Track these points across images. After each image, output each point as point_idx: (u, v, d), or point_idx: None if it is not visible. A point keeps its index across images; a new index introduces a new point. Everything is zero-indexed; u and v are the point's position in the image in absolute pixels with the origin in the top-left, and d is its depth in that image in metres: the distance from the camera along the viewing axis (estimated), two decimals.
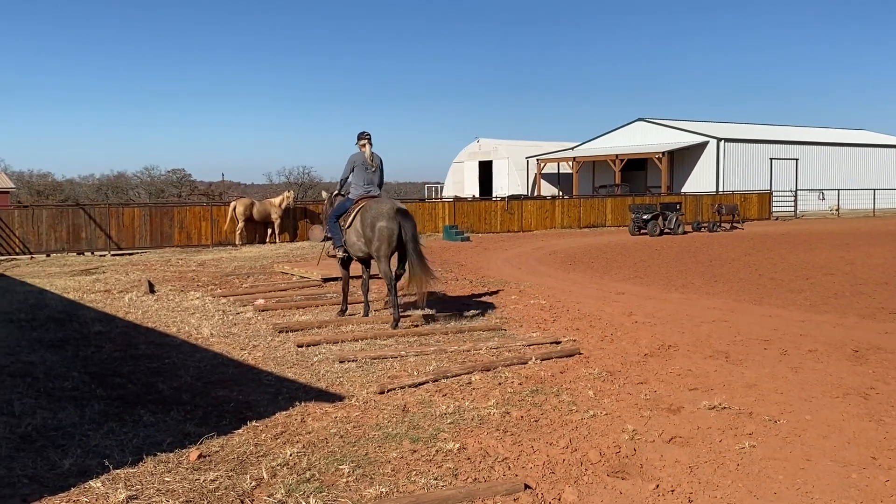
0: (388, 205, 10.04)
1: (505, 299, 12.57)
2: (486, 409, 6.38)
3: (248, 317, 11.03)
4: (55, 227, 23.34)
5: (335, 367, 7.88)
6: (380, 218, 9.89)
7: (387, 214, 9.89)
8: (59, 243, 23.35)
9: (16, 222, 22.88)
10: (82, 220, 23.72)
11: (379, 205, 10.06)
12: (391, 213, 9.88)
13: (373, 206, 10.10)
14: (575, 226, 33.10)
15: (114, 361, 8.21)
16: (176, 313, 11.34)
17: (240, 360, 8.32)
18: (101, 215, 24.13)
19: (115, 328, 10.12)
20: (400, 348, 8.67)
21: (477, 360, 8.14)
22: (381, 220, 9.88)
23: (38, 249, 23.00)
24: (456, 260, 19.88)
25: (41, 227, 23.15)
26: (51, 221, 23.32)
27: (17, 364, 7.87)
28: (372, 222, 9.93)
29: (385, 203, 10.11)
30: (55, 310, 11.52)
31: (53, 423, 5.96)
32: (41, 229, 23.15)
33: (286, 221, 26.85)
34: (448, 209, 30.39)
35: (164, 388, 7.12)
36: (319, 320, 10.56)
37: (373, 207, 10.06)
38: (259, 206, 26.27)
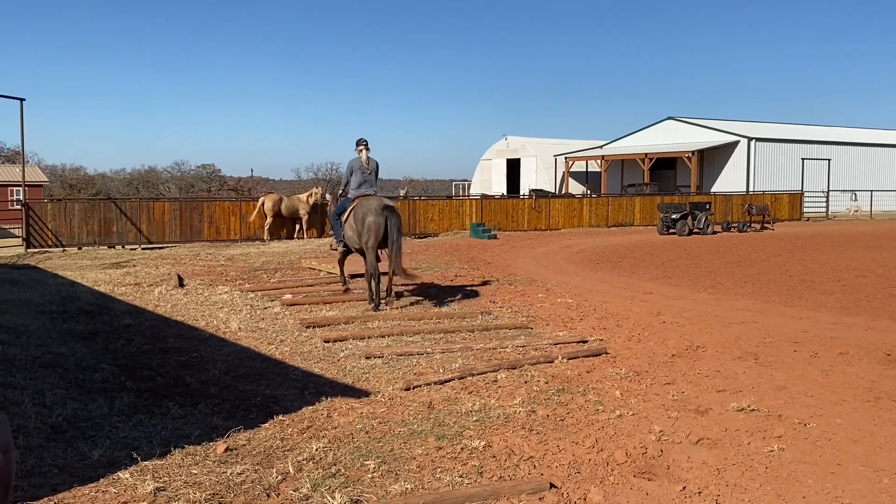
0: (377, 202, 11.24)
1: (531, 298, 12.53)
2: (512, 407, 6.36)
3: (275, 311, 11.10)
4: (87, 220, 23.65)
5: (361, 363, 7.89)
6: (369, 213, 11.14)
7: (375, 210, 11.12)
8: (91, 236, 23.65)
9: (49, 215, 23.21)
10: (114, 214, 24.02)
11: (368, 202, 11.27)
12: (378, 209, 11.11)
13: (363, 203, 11.33)
14: (603, 224, 32.92)
15: (143, 354, 8.30)
16: (204, 307, 11.44)
17: (267, 354, 8.38)
18: (132, 209, 24.41)
19: (145, 321, 10.23)
20: (426, 345, 8.67)
21: (503, 358, 8.12)
22: (370, 216, 11.13)
23: (70, 242, 23.32)
24: (483, 258, 19.85)
25: (73, 220, 23.47)
26: (83, 215, 23.62)
27: (48, 355, 7.98)
28: (362, 217, 11.19)
29: (374, 200, 11.28)
30: (86, 302, 11.67)
31: (84, 414, 6.03)
32: (73, 222, 23.46)
33: (314, 217, 26.99)
34: (475, 207, 30.36)
35: (192, 381, 7.18)
36: (346, 316, 10.61)
37: (363, 205, 11.31)
38: (287, 202, 26.44)
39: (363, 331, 9.57)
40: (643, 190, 40.59)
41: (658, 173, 47.65)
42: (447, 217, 29.59)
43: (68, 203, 24.39)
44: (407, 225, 28.57)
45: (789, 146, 44.86)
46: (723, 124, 47.75)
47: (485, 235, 26.69)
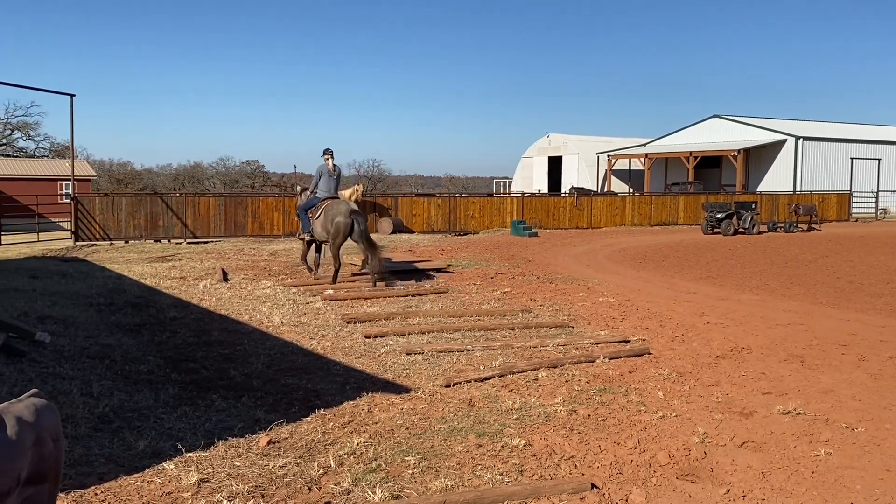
0: (345, 206, 13.47)
1: (573, 296, 12.45)
2: (553, 406, 6.33)
3: (317, 307, 11.20)
4: (134, 214, 24.08)
5: (402, 359, 7.92)
6: (338, 216, 13.24)
7: (343, 213, 13.27)
8: (138, 230, 24.08)
9: (97, 209, 23.69)
10: (160, 209, 24.42)
11: (338, 206, 13.47)
12: (347, 213, 13.27)
13: (334, 206, 13.45)
14: (646, 223, 32.59)
15: (188, 347, 8.43)
16: (248, 301, 11.58)
17: (309, 349, 8.45)
18: (178, 204, 24.80)
19: (190, 314, 10.39)
20: (466, 342, 8.68)
21: (543, 356, 8.09)
22: (339, 217, 13.22)
23: (117, 236, 23.76)
24: (523, 255, 19.79)
25: (121, 214, 23.92)
26: (130, 209, 24.06)
27: (96, 347, 8.14)
28: (332, 218, 13.27)
29: (343, 205, 13.53)
30: (133, 295, 11.89)
31: (130, 405, 6.14)
32: (120, 216, 23.91)
33: None
34: (516, 204, 30.26)
35: (235, 374, 7.27)
36: (386, 312, 10.66)
37: (333, 207, 13.41)
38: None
39: (403, 327, 9.61)
40: (687, 189, 40.06)
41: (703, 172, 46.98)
42: (487, 214, 29.54)
43: (116, 197, 24.87)
44: (447, 222, 28.64)
45: (838, 145, 43.92)
46: (769, 122, 46.93)
47: (525, 233, 26.60)
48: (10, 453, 2.69)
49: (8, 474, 2.67)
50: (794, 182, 41.94)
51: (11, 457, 2.70)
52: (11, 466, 2.69)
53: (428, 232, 27.90)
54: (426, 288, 13.04)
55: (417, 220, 28.32)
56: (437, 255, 19.44)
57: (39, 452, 2.84)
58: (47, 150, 62.38)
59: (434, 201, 29.33)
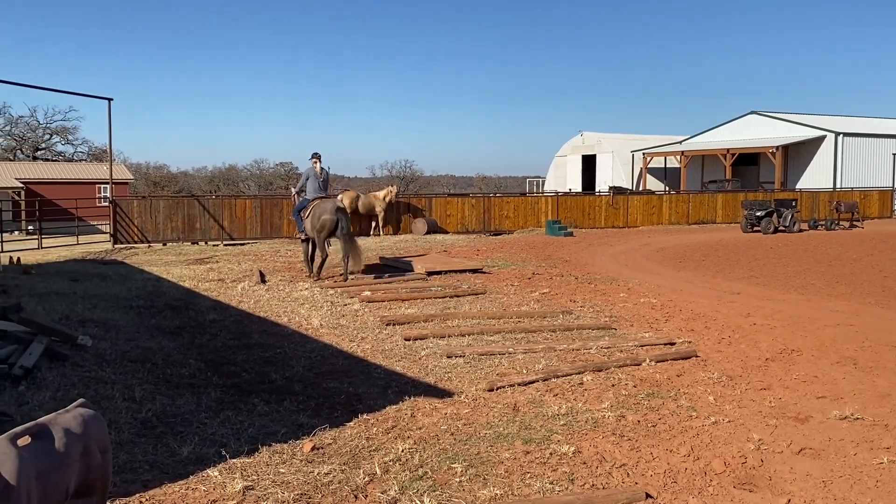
0: (331, 204, 14.48)
1: (613, 297, 12.26)
2: (601, 411, 6.18)
3: (355, 308, 11.15)
4: (171, 217, 24.28)
5: (443, 362, 7.82)
6: (324, 213, 14.31)
7: (329, 211, 14.30)
8: (175, 233, 24.28)
9: (135, 212, 23.92)
10: (197, 211, 24.60)
11: (324, 204, 14.50)
12: (332, 211, 14.30)
13: (320, 205, 14.49)
14: (683, 222, 32.17)
15: (228, 349, 8.40)
16: (286, 303, 11.57)
17: (349, 351, 8.39)
18: (215, 206, 24.96)
19: (229, 317, 10.39)
20: (508, 345, 8.55)
21: (588, 359, 7.94)
22: (325, 215, 14.29)
23: (154, 238, 23.99)
24: (559, 255, 19.60)
25: (158, 216, 24.14)
26: (167, 212, 24.27)
27: (136, 350, 8.14)
28: (319, 215, 14.34)
29: (329, 203, 14.54)
30: (172, 297, 11.93)
31: (172, 410, 6.10)
32: (158, 219, 24.13)
33: (390, 214, 27.11)
34: (550, 204, 30.05)
35: (276, 377, 7.22)
36: (425, 314, 10.57)
37: (320, 206, 14.47)
38: (364, 199, 26.64)
39: (443, 329, 9.51)
40: (725, 186, 39.49)
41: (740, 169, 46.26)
42: (522, 214, 29.37)
43: (153, 200, 25.11)
44: (481, 222, 28.52)
45: (880, 141, 42.98)
46: (809, 119, 46.09)
47: (561, 233, 26.38)
48: (58, 466, 2.62)
49: (57, 487, 2.60)
50: (835, 179, 41.14)
51: (60, 469, 2.63)
52: (60, 479, 2.62)
53: (462, 232, 27.79)
54: (464, 290, 12.93)
55: (451, 220, 28.22)
56: (472, 256, 19.33)
57: (87, 464, 2.77)
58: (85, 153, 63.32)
59: (468, 201, 29.21)
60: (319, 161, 14.94)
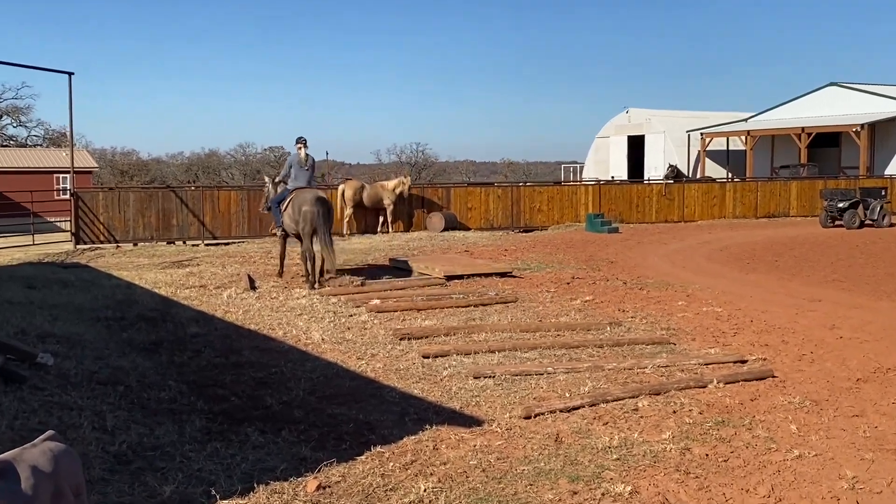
0: (312, 194, 14.73)
1: (670, 306, 12.23)
2: (660, 443, 6.14)
3: (362, 320, 11.18)
4: (143, 212, 24.42)
5: (469, 384, 7.82)
6: (304, 204, 14.50)
7: (310, 201, 14.48)
8: (148, 231, 24.43)
9: (100, 206, 24.06)
10: (173, 205, 24.73)
11: (304, 194, 14.73)
12: (313, 201, 14.49)
13: (300, 195, 14.75)
14: (750, 215, 32.01)
15: (214, 369, 8.43)
16: (281, 314, 11.61)
17: (357, 371, 8.41)
18: (194, 199, 25.09)
19: (214, 330, 10.44)
20: (546, 363, 8.55)
21: (642, 380, 7.92)
22: (305, 206, 14.48)
23: (124, 237, 24.13)
24: (604, 256, 19.56)
25: (128, 211, 24.28)
26: (138, 206, 24.41)
27: (106, 370, 8.17)
28: (299, 207, 14.58)
29: (309, 193, 14.78)
30: (146, 307, 11.98)
31: (150, 442, 6.11)
32: (128, 215, 24.27)
33: (400, 208, 27.13)
34: (591, 194, 30.00)
35: (272, 402, 7.23)
36: (446, 326, 10.57)
37: (299, 196, 14.73)
38: (370, 190, 26.65)
39: (468, 344, 9.51)
40: (800, 172, 39.26)
41: (818, 152, 45.99)
42: (557, 207, 29.34)
43: (122, 192, 25.29)
44: (509, 216, 28.50)
45: None
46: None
47: (604, 229, 26.32)
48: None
49: None
50: None
51: None
52: None
53: (486, 228, 27.80)
54: (492, 297, 12.90)
55: (474, 214, 28.24)
56: (499, 257, 19.32)
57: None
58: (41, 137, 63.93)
59: (493, 192, 29.22)
60: (305, 146, 15.27)
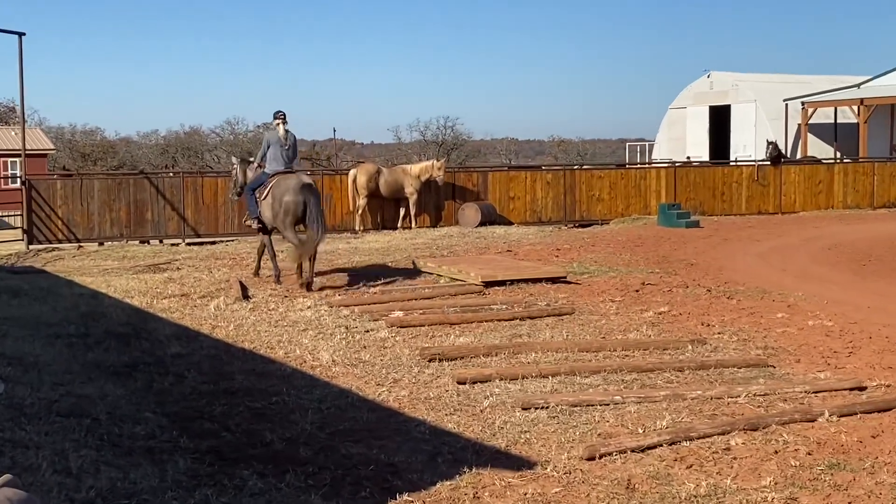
0: (295, 180, 15.34)
1: (767, 319, 12.18)
2: (759, 491, 6.13)
3: (381, 336, 11.23)
4: (111, 204, 24.58)
5: (516, 417, 7.82)
6: (287, 193, 15.08)
7: (293, 189, 15.06)
8: (117, 227, 24.59)
9: (58, 197, 24.25)
10: (147, 195, 24.87)
11: (287, 180, 15.34)
12: (297, 188, 15.05)
13: (282, 181, 15.35)
14: (865, 204, 31.72)
15: (200, 398, 8.49)
16: (281, 329, 11.68)
17: (376, 400, 8.45)
18: (173, 188, 25.22)
19: (200, 349, 10.51)
20: (612, 390, 8.54)
21: (735, 412, 7.91)
22: (287, 195, 15.06)
23: (87, 235, 24.32)
24: (680, 256, 19.49)
25: (92, 203, 24.44)
26: (105, 197, 24.57)
27: (69, 399, 8.23)
28: (280, 196, 15.13)
29: (292, 179, 15.41)
30: (116, 322, 12.08)
31: (124, 487, 6.15)
32: (92, 207, 24.44)
33: (425, 197, 27.13)
34: (664, 179, 29.88)
35: (273, 438, 7.27)
36: (486, 344, 10.57)
37: (282, 183, 15.31)
38: (388, 176, 26.61)
39: (514, 367, 9.52)
40: None
41: None
42: (621, 195, 29.26)
43: (85, 180, 25.48)
44: (561, 207, 28.45)
45: None
46: None
47: (681, 222, 26.19)
48: None
49: None
50: None
51: None
52: None
53: (533, 222, 27.77)
54: (542, 308, 12.88)
55: (517, 205, 28.21)
56: (550, 257, 19.28)
57: None
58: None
59: (541, 178, 29.17)
60: (284, 122, 15.97)
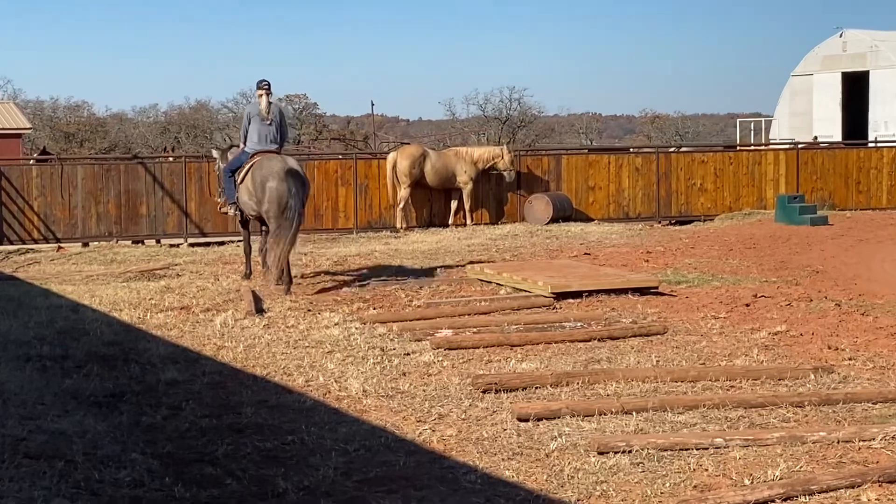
0: (280, 164, 15.94)
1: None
2: None
3: (425, 360, 11.24)
4: (98, 195, 24.79)
5: (591, 464, 7.73)
6: (270, 178, 15.70)
7: (277, 174, 15.68)
8: (105, 224, 24.81)
9: (34, 187, 24.48)
10: (142, 185, 25.06)
11: (270, 163, 15.98)
12: (282, 174, 15.66)
13: (264, 163, 16.01)
14: None
15: (200, 435, 8.48)
16: (302, 350, 11.70)
17: (417, 440, 8.41)
18: (174, 176, 25.38)
19: (201, 375, 10.53)
20: (712, 431, 8.46)
21: (868, 459, 7.77)
22: (271, 180, 15.69)
23: (69, 234, 24.57)
24: (803, 261, 19.35)
25: (75, 195, 24.66)
26: (91, 186, 24.79)
27: (39, 436, 8.26)
28: (262, 181, 15.81)
29: (276, 161, 16.05)
30: (100, 341, 12.13)
31: None
32: (75, 199, 24.66)
33: (483, 187, 27.09)
34: (784, 165, 29.71)
35: (287, 487, 7.24)
36: (555, 371, 10.54)
37: (264, 166, 15.96)
38: (437, 161, 26.64)
39: (590, 400, 9.48)
40: None
41: None
42: (729, 184, 29.16)
43: (67, 166, 25.68)
44: (653, 200, 28.34)
45: None
46: None
47: (805, 219, 26.01)
48: None
49: None
50: None
51: None
52: None
53: (617, 219, 27.77)
54: (626, 327, 12.79)
55: (598, 196, 28.19)
56: (637, 263, 19.26)
57: None
58: None
59: (629, 163, 29.12)
60: (268, 93, 16.77)
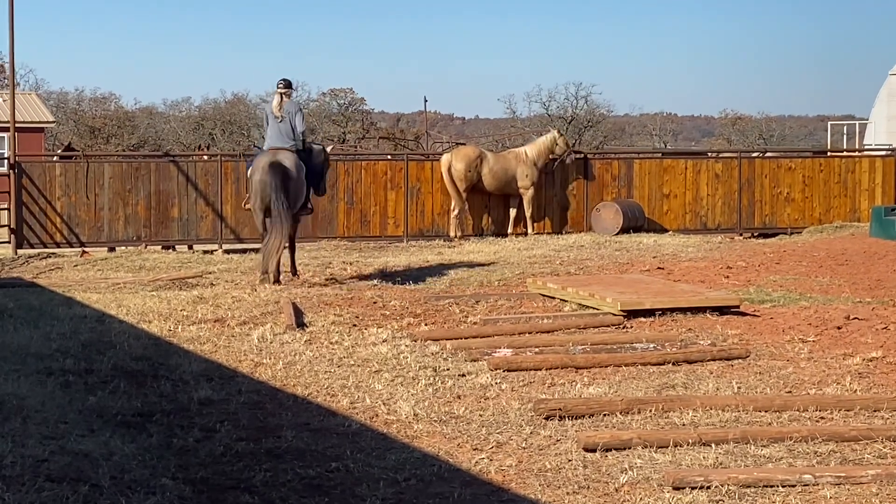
0: (267, 157, 17.61)
1: None
2: None
3: (481, 382, 11.22)
4: (125, 196, 24.89)
5: (664, 500, 7.71)
6: (256, 171, 17.59)
7: (262, 168, 17.42)
8: (133, 227, 24.92)
9: (57, 187, 24.57)
10: (173, 185, 25.14)
11: (261, 157, 17.85)
12: (266, 167, 17.32)
13: (257, 158, 18.02)
14: None
15: (236, 460, 8.49)
16: (347, 369, 11.73)
17: (472, 470, 8.38)
18: (208, 176, 25.45)
19: (237, 394, 10.58)
20: (800, 466, 8.39)
21: None
22: (255, 174, 17.55)
23: (94, 238, 24.68)
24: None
25: (101, 196, 24.76)
26: (118, 186, 24.88)
27: (62, 457, 8.27)
28: (250, 175, 17.85)
29: (266, 156, 17.79)
30: (128, 354, 12.19)
31: None
32: (101, 201, 24.76)
33: (547, 192, 27.03)
34: (880, 173, 29.52)
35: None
36: (625, 397, 10.50)
37: (256, 160, 17.94)
38: (494, 163, 26.62)
39: (664, 430, 9.44)
40: None
41: None
42: (819, 194, 28.97)
43: (93, 163, 25.79)
44: (734, 210, 28.18)
45: None
46: None
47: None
48: None
49: None
50: None
51: None
52: None
53: (694, 230, 27.63)
54: (704, 349, 12.71)
55: (673, 205, 28.08)
56: (716, 279, 19.15)
57: None
58: None
59: (707, 168, 28.98)
60: (284, 94, 18.47)
